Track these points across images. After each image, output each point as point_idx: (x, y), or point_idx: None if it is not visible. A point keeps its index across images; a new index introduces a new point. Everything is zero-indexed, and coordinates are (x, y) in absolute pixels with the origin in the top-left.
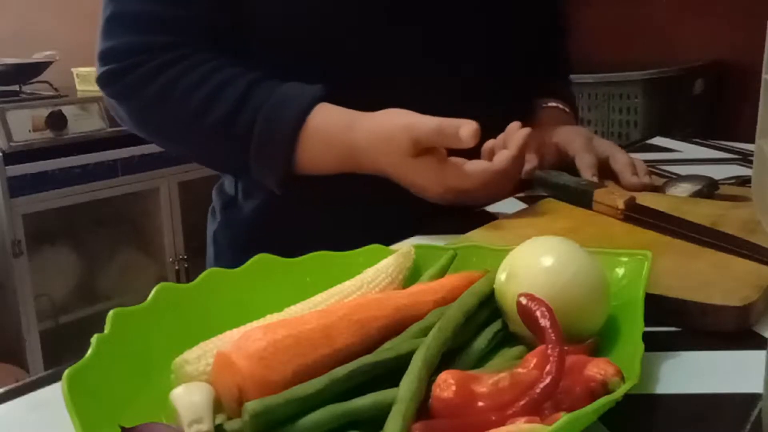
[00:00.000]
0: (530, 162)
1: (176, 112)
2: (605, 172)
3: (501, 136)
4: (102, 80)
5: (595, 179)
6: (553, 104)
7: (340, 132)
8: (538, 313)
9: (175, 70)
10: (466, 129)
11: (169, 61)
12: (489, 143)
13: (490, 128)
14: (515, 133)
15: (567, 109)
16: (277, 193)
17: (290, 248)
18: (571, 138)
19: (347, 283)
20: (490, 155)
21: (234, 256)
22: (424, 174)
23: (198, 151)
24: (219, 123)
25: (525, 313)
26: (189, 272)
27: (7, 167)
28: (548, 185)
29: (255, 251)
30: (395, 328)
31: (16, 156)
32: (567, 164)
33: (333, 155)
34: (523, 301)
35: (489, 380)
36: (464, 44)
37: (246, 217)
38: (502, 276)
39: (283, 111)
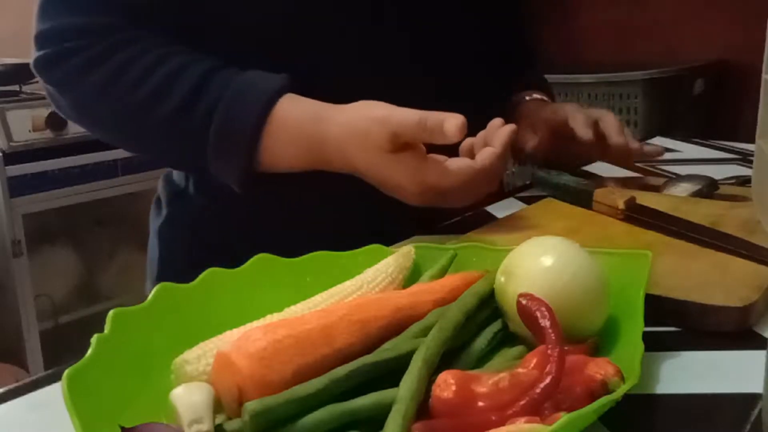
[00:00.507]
0: (531, 140)
1: (123, 104)
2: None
3: (481, 134)
4: (38, 66)
5: (590, 136)
6: (537, 96)
7: (309, 125)
8: (538, 313)
9: (123, 56)
10: (451, 122)
11: (115, 45)
12: (468, 141)
13: (468, 127)
14: (498, 129)
15: (548, 100)
16: (238, 192)
17: (246, 249)
18: (561, 107)
19: (347, 283)
20: (470, 154)
21: (181, 255)
22: (401, 171)
23: (149, 146)
24: (172, 115)
25: (525, 313)
26: None
27: (7, 167)
28: (548, 185)
29: (207, 251)
30: (395, 328)
31: (16, 156)
32: (564, 139)
33: (300, 150)
34: (523, 301)
35: (489, 380)
36: (439, 43)
37: (197, 213)
38: (502, 276)
39: (245, 101)
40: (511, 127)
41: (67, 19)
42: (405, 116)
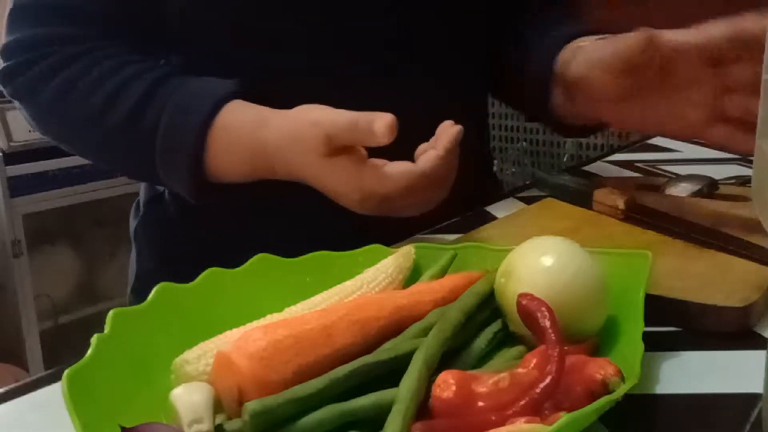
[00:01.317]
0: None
1: (75, 114)
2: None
3: (434, 137)
4: (2, 78)
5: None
6: (597, 38)
7: (251, 131)
8: (538, 313)
9: (77, 66)
10: (380, 122)
11: (71, 55)
12: (423, 146)
13: (431, 129)
14: (443, 131)
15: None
16: (193, 203)
17: (218, 254)
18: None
19: (347, 283)
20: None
21: (154, 256)
22: (338, 177)
23: (104, 158)
24: (120, 126)
25: (525, 313)
26: None
27: (7, 167)
28: (548, 185)
29: (177, 254)
30: (395, 328)
31: (16, 156)
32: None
33: (243, 158)
34: (523, 301)
35: (489, 380)
36: (399, 38)
37: (170, 215)
38: (502, 276)
39: (189, 109)
40: (457, 128)
41: (31, 30)
42: (336, 118)
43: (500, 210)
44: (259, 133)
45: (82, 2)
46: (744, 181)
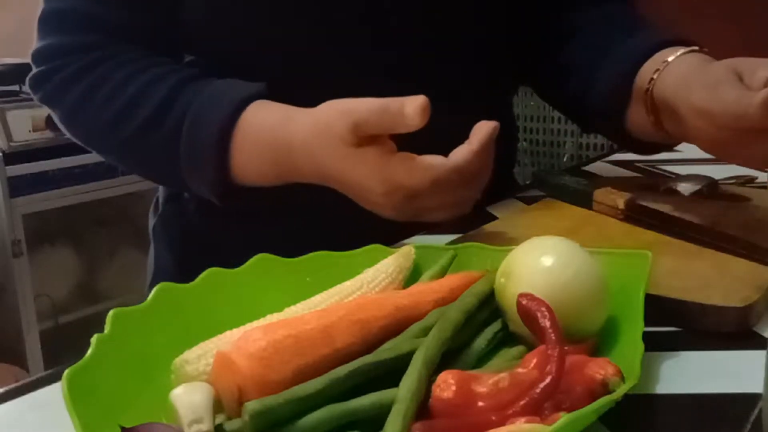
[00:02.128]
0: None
1: (99, 118)
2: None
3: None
4: (30, 83)
5: None
6: (684, 51)
7: (276, 129)
8: (538, 313)
9: (100, 71)
10: (412, 104)
11: (94, 61)
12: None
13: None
14: (481, 127)
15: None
16: (219, 205)
17: (233, 254)
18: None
19: (347, 283)
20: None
21: (172, 254)
22: (365, 167)
23: (128, 161)
24: (143, 127)
25: (525, 313)
26: None
27: (7, 167)
28: (548, 185)
29: (195, 252)
30: (395, 328)
31: (16, 156)
32: None
33: (268, 158)
34: (523, 301)
35: (489, 380)
36: (426, 33)
37: (189, 214)
38: (502, 276)
39: (212, 109)
40: (493, 123)
41: (59, 37)
42: (365, 104)
43: (500, 210)
44: (285, 131)
45: (103, 11)
46: (744, 181)
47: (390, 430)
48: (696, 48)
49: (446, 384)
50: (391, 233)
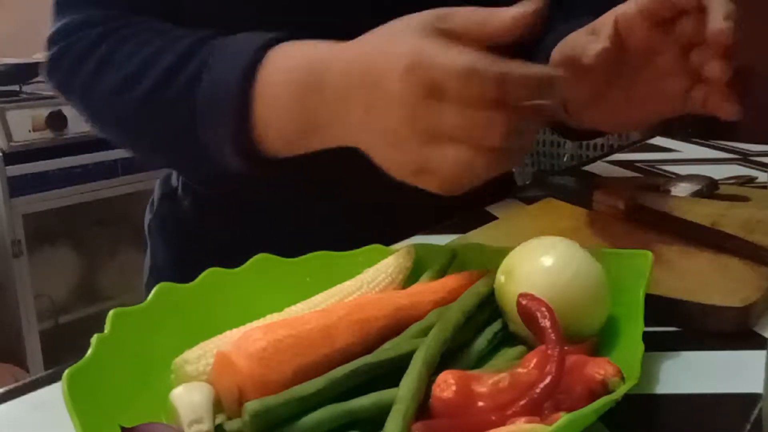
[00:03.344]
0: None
1: (113, 83)
2: None
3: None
4: (45, 70)
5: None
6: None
7: (304, 70)
8: (538, 313)
9: (109, 42)
10: (511, 11)
11: (100, 35)
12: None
13: None
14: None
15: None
16: (245, 178)
17: (231, 250)
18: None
19: (347, 283)
20: None
21: (168, 252)
22: (402, 37)
23: (142, 130)
24: (164, 78)
25: (525, 313)
26: None
27: (7, 167)
28: (548, 185)
29: (191, 250)
30: (395, 328)
31: (16, 156)
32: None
33: (291, 108)
34: (523, 301)
35: (489, 380)
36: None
37: (183, 212)
38: (502, 276)
39: (231, 57)
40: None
41: (72, 16)
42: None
43: (500, 210)
44: (317, 68)
45: None
46: (744, 181)
47: (390, 430)
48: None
49: (446, 384)
50: (391, 233)
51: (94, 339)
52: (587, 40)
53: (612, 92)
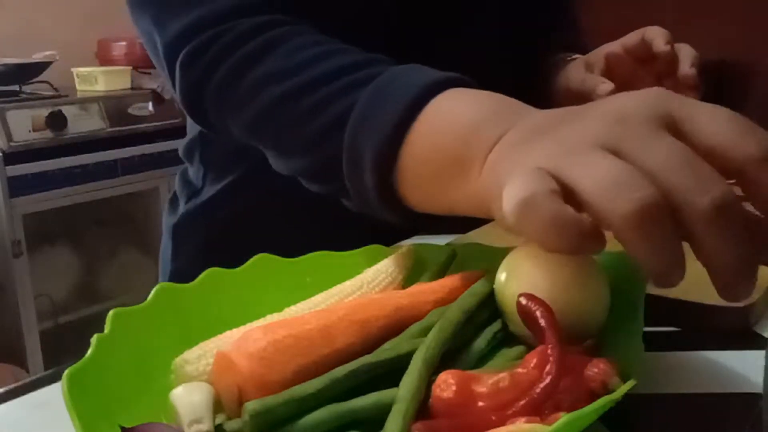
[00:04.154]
0: (603, 85)
1: (276, 66)
2: None
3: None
4: (183, 68)
5: (668, 48)
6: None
7: (456, 134)
8: (538, 313)
9: (281, 30)
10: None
11: (268, 22)
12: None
13: None
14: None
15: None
16: (398, 222)
17: (257, 251)
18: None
19: (347, 283)
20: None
21: (195, 255)
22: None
23: (285, 124)
24: (319, 80)
25: (525, 313)
26: None
27: (7, 167)
28: None
29: (220, 252)
30: (395, 328)
31: (16, 156)
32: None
33: (447, 148)
34: (523, 301)
35: (489, 380)
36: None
37: (211, 214)
38: (502, 276)
39: (407, 80)
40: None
41: (199, 12)
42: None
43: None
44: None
45: None
46: None
47: (390, 430)
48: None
49: (446, 384)
50: (391, 233)
51: (94, 339)
52: (589, 77)
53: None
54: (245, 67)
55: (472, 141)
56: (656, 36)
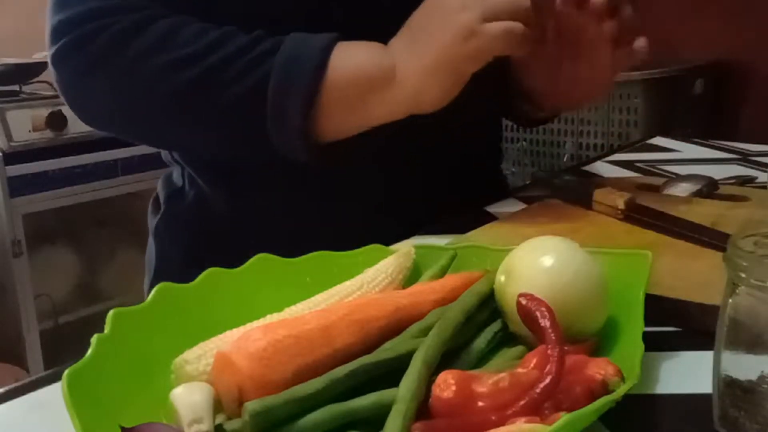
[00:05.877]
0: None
1: (178, 55)
2: None
3: None
4: (58, 57)
5: None
6: None
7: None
8: (538, 313)
9: (167, 22)
10: None
11: (154, 15)
12: None
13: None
14: None
15: None
16: (306, 155)
17: (242, 248)
18: None
19: (347, 283)
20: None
21: (177, 254)
22: None
23: (200, 99)
24: (236, 53)
25: (525, 313)
26: None
27: (7, 167)
28: (548, 185)
29: (201, 250)
30: (395, 328)
31: (16, 156)
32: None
33: (370, 55)
34: (523, 301)
35: (489, 380)
36: None
37: (193, 212)
38: (502, 276)
39: (306, 45)
40: None
41: (87, 5)
42: None
43: (500, 210)
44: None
45: None
46: (744, 181)
47: (390, 430)
48: None
49: (446, 384)
50: (390, 233)
51: (94, 339)
52: None
53: (562, 78)
54: (146, 56)
55: (382, 59)
56: None
